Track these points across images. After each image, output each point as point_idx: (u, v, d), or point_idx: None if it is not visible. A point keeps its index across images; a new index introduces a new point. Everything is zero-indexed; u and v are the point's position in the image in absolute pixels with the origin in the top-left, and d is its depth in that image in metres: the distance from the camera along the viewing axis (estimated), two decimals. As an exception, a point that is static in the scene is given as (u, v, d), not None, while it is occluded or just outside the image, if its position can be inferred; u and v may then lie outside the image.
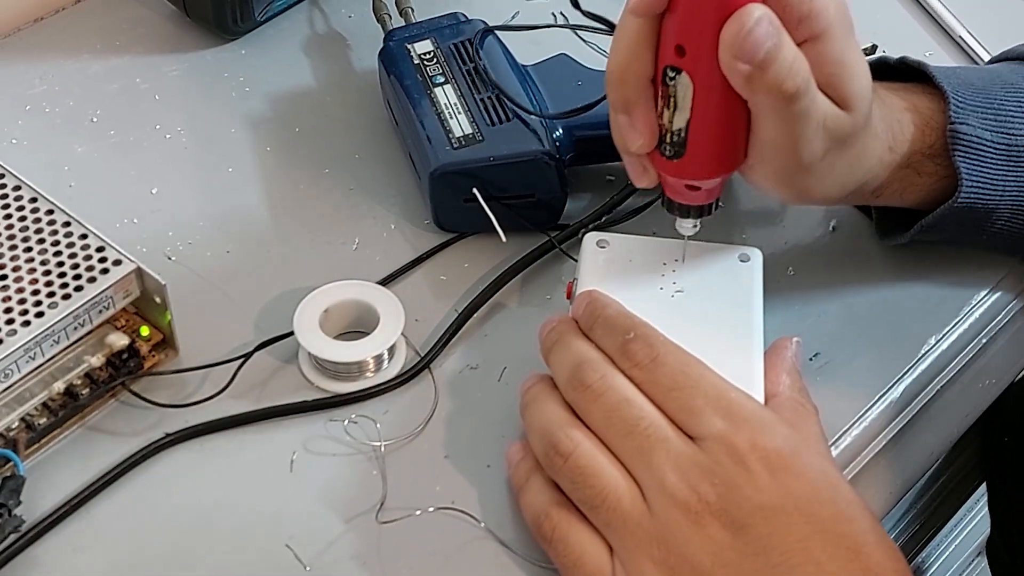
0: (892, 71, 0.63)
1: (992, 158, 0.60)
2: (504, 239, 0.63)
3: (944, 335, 0.63)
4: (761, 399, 0.53)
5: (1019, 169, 0.60)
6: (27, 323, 0.54)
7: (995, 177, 0.60)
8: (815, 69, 0.51)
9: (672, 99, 0.52)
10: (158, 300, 0.57)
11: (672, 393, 0.50)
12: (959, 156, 0.59)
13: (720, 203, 0.56)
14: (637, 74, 0.52)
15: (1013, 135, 0.60)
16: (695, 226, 0.56)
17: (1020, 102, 0.60)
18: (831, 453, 0.54)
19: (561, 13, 0.77)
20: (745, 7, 0.49)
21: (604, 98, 0.63)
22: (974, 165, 0.59)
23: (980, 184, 0.59)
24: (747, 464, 0.48)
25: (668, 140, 0.53)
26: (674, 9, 0.50)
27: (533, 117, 0.64)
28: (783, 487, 0.48)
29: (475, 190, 0.62)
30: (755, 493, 0.48)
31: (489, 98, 0.65)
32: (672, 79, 0.51)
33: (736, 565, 0.47)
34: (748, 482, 0.48)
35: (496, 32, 0.69)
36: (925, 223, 0.61)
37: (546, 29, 0.73)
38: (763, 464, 0.48)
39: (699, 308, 0.56)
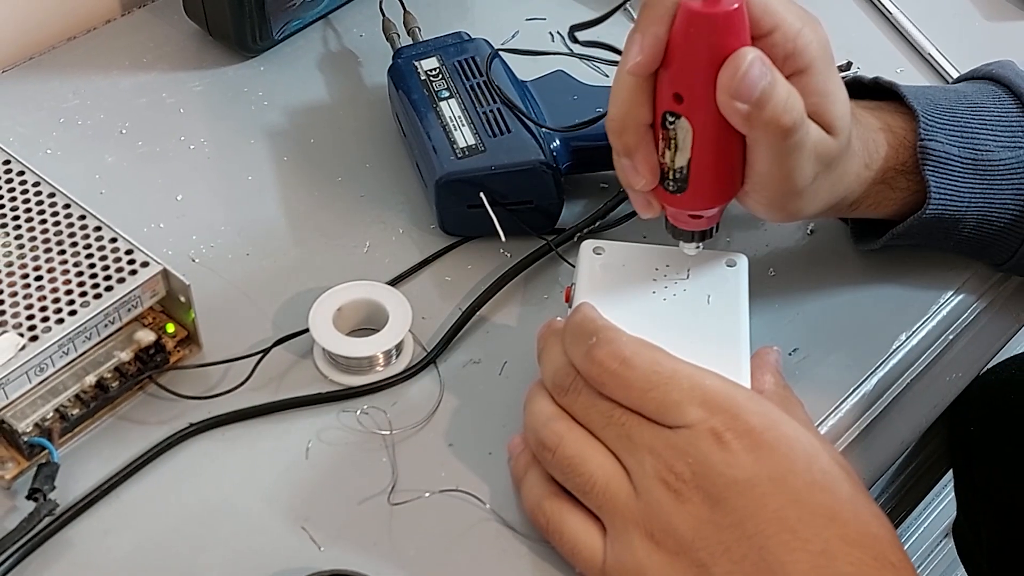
0: (865, 90, 0.63)
1: (960, 172, 0.60)
2: (504, 239, 0.63)
3: (913, 332, 0.63)
4: None
5: (984, 182, 0.60)
6: (61, 320, 0.54)
7: (962, 189, 0.60)
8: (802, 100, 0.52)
9: (673, 141, 0.52)
10: (183, 299, 0.57)
11: (648, 394, 0.49)
12: (928, 170, 0.59)
13: (719, 226, 0.56)
14: (636, 123, 0.52)
15: (979, 150, 0.60)
16: (698, 247, 0.57)
17: (984, 120, 0.61)
18: (815, 427, 0.54)
19: (558, 32, 0.77)
20: (739, 51, 0.49)
21: (601, 116, 0.63)
22: (942, 178, 0.59)
23: (948, 196, 0.60)
24: (723, 442, 0.48)
25: (671, 177, 0.53)
26: (670, 61, 0.50)
27: (532, 128, 0.64)
28: (757, 461, 0.48)
29: (482, 195, 0.62)
30: (727, 469, 0.47)
31: (491, 111, 0.65)
32: (672, 123, 0.51)
33: (715, 536, 0.47)
34: (721, 459, 0.48)
35: (497, 50, 0.69)
36: (896, 231, 0.61)
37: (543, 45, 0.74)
38: (739, 442, 0.48)
39: (689, 310, 0.56)
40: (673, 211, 0.55)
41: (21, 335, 0.53)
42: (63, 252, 0.57)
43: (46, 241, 0.57)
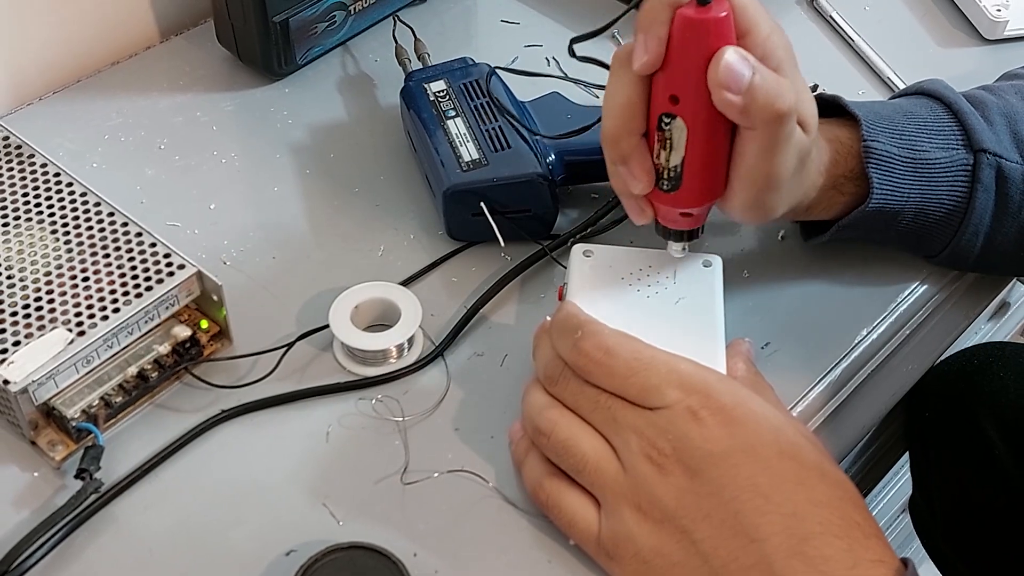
0: None
1: (900, 169, 0.60)
2: (503, 244, 0.63)
3: (874, 327, 0.63)
4: None
5: (922, 178, 0.60)
6: (106, 317, 0.54)
7: (901, 185, 0.60)
8: None
9: (668, 141, 0.52)
10: (215, 298, 0.57)
11: (630, 380, 0.49)
12: (871, 167, 0.59)
13: (704, 228, 0.56)
14: (631, 132, 0.52)
15: (916, 151, 0.60)
16: (684, 248, 0.56)
17: (919, 126, 0.61)
18: (784, 407, 0.54)
19: (554, 58, 0.77)
20: (720, 50, 0.49)
21: (591, 126, 0.63)
22: (884, 174, 0.59)
23: (888, 190, 0.60)
24: (699, 419, 0.48)
25: (666, 176, 0.53)
26: (666, 66, 0.50)
27: (531, 142, 0.64)
28: (729, 435, 0.48)
29: (482, 204, 0.62)
30: (704, 443, 0.47)
31: (493, 129, 0.65)
32: (668, 124, 0.51)
33: (695, 505, 0.47)
34: (698, 434, 0.48)
35: (499, 73, 0.69)
36: (842, 223, 0.61)
37: (541, 69, 0.74)
38: (713, 418, 0.48)
39: (670, 306, 0.56)
40: (665, 210, 0.55)
41: (70, 330, 0.53)
42: (107, 255, 0.57)
43: (92, 246, 0.57)
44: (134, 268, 0.56)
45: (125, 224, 0.58)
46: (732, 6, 0.50)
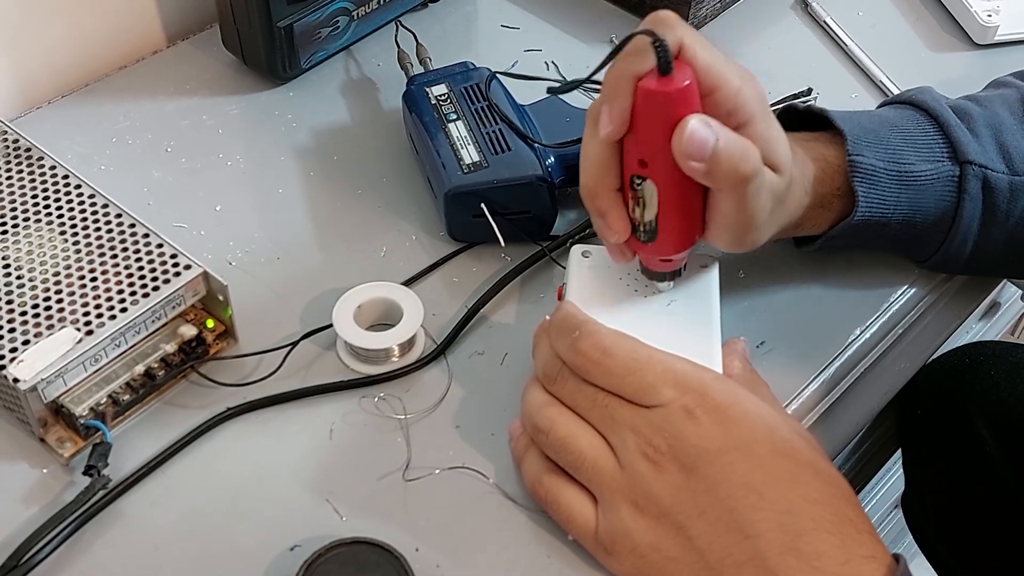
0: (800, 115, 0.63)
1: (885, 182, 0.60)
2: (504, 245, 0.63)
3: (867, 327, 0.63)
4: None
5: (908, 191, 0.60)
6: (113, 317, 0.54)
7: (887, 197, 0.60)
8: None
9: (641, 199, 0.52)
10: (221, 298, 0.57)
11: (627, 379, 0.49)
12: (856, 181, 0.59)
13: (687, 265, 0.56)
14: (606, 188, 0.52)
15: (902, 164, 0.60)
16: (670, 284, 0.57)
17: (905, 138, 0.61)
18: (779, 404, 0.54)
19: (553, 62, 0.77)
20: (683, 120, 0.49)
21: None
22: (869, 188, 0.59)
23: (874, 203, 0.60)
24: (694, 417, 0.48)
25: (642, 230, 0.53)
26: (633, 132, 0.50)
27: (533, 146, 0.64)
28: (724, 433, 0.48)
29: (483, 206, 0.62)
30: (699, 440, 0.48)
31: (493, 131, 0.65)
32: (639, 185, 0.51)
33: (690, 501, 0.47)
34: (693, 432, 0.48)
35: (499, 77, 0.69)
36: (830, 234, 0.61)
37: (540, 73, 0.74)
38: (708, 416, 0.48)
39: (667, 306, 0.56)
40: (645, 257, 0.55)
41: (78, 330, 0.53)
42: (115, 256, 0.57)
43: (100, 246, 0.57)
44: (141, 268, 0.56)
45: (132, 225, 0.58)
46: (697, 67, 0.49)
